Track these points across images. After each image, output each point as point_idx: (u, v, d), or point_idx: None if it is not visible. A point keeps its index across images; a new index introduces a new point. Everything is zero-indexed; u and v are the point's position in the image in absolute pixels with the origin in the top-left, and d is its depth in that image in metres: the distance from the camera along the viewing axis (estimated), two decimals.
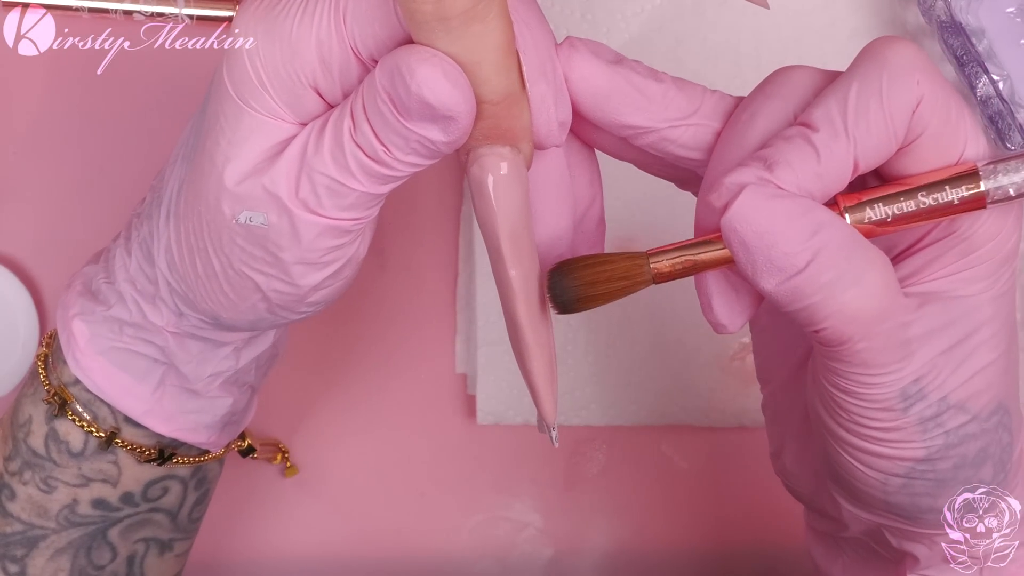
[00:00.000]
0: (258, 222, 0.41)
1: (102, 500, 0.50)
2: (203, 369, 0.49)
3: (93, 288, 0.49)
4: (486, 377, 0.62)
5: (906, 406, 0.40)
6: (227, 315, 0.45)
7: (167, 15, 0.60)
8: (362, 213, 0.41)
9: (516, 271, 0.40)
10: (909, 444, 0.40)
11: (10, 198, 0.62)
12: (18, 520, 0.50)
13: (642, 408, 0.62)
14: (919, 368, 0.39)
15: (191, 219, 0.43)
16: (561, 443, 0.64)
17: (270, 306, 0.44)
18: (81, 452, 0.49)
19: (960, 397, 0.40)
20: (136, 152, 0.62)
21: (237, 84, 0.40)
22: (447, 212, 0.64)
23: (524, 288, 0.40)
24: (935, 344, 0.40)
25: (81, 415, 0.49)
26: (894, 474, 0.41)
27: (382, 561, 0.64)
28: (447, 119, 0.37)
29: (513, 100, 0.38)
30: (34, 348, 0.61)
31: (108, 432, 0.49)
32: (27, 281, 0.61)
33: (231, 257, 0.42)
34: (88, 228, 0.62)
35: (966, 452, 0.41)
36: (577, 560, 0.65)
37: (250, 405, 0.53)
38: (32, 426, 0.50)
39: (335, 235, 0.41)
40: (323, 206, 0.40)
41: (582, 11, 0.62)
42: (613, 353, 0.62)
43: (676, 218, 0.62)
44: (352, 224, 0.41)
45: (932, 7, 0.58)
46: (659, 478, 0.65)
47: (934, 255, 0.41)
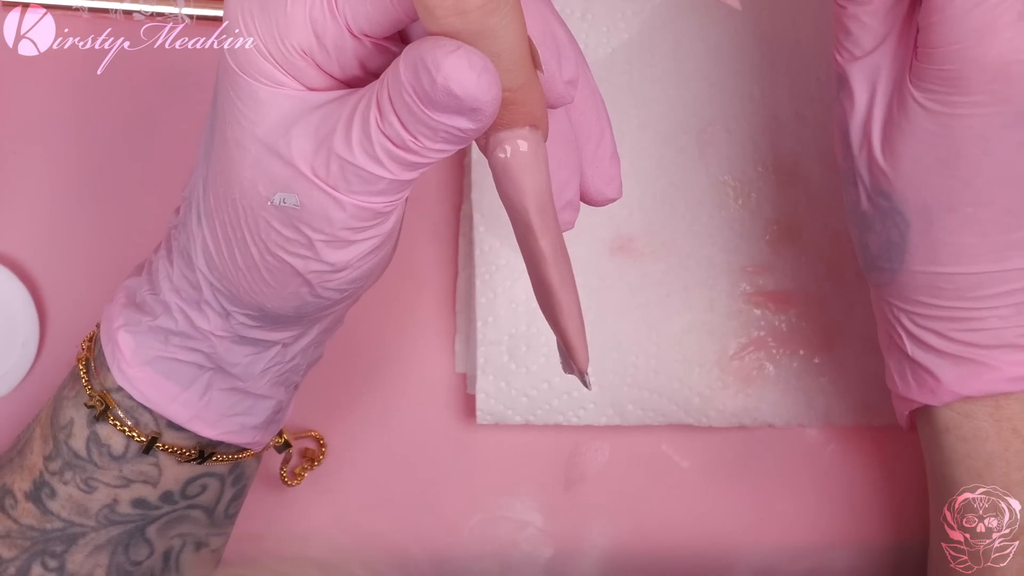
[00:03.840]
0: (291, 203, 0.41)
1: (142, 500, 0.51)
2: (254, 367, 0.49)
3: (138, 300, 0.50)
4: (486, 377, 0.62)
5: None
6: (272, 304, 0.45)
7: (167, 15, 0.60)
8: (393, 197, 0.41)
9: (546, 240, 0.41)
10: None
11: (10, 198, 0.62)
12: (58, 517, 0.51)
13: (642, 408, 0.62)
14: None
15: (225, 211, 0.43)
16: (561, 443, 0.64)
17: (312, 289, 0.44)
18: (123, 455, 0.50)
19: None
20: (136, 152, 0.62)
21: (241, 63, 0.41)
22: (447, 212, 0.64)
23: (554, 255, 0.41)
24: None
25: (123, 420, 0.50)
26: None
27: (382, 561, 0.64)
28: (474, 110, 0.37)
29: (531, 85, 0.39)
30: (34, 348, 0.61)
31: (149, 437, 0.50)
32: (27, 281, 0.61)
33: (267, 242, 0.42)
34: (88, 228, 0.62)
35: None
36: (577, 560, 0.65)
37: (290, 403, 0.54)
38: (74, 428, 0.51)
39: (367, 217, 0.41)
40: (354, 191, 0.40)
41: (582, 11, 0.62)
42: (613, 353, 0.62)
43: (676, 218, 0.63)
44: (384, 205, 0.41)
45: None
46: (659, 478, 0.65)
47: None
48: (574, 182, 0.44)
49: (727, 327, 0.62)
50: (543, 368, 0.61)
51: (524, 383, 0.62)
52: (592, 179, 0.44)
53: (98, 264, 0.62)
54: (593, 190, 0.44)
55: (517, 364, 0.61)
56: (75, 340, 0.62)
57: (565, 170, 0.43)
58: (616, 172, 0.45)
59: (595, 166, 0.44)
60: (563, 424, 0.62)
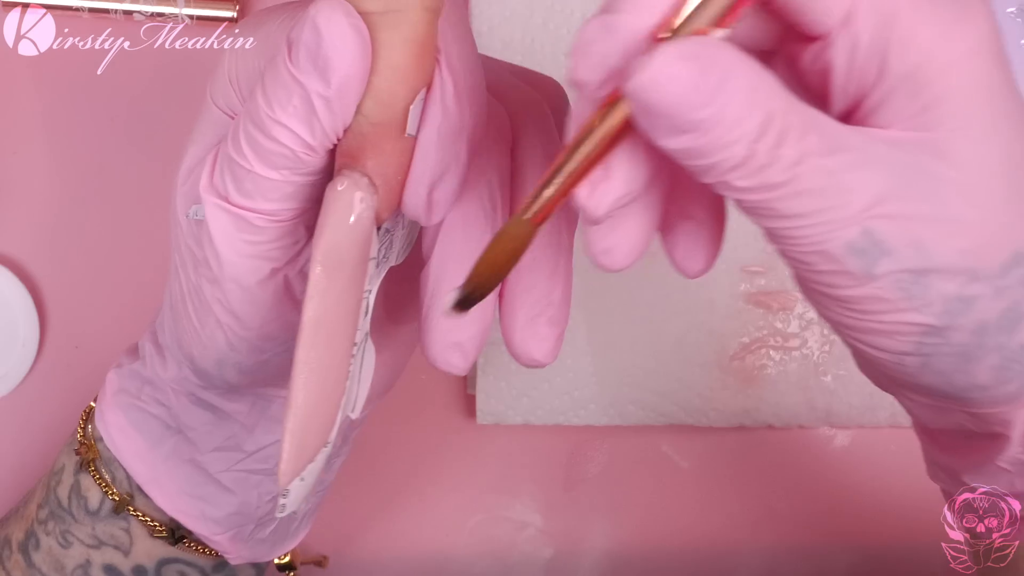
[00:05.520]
0: (201, 216, 0.39)
1: (113, 567, 0.48)
2: (211, 438, 0.46)
3: (140, 340, 0.48)
4: (486, 377, 0.62)
5: (867, 265, 0.34)
6: (196, 350, 0.42)
7: (167, 15, 0.60)
8: (262, 205, 0.38)
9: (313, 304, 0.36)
10: (898, 315, 0.35)
11: (10, 198, 0.62)
12: (39, 571, 0.48)
13: (642, 408, 0.62)
14: (861, 214, 0.33)
15: (173, 230, 0.42)
16: (561, 443, 0.64)
17: (225, 335, 0.41)
18: (97, 511, 0.48)
19: (945, 252, 0.34)
20: (136, 152, 0.62)
21: (213, 85, 0.40)
22: None
23: (315, 326, 0.36)
24: (881, 186, 0.33)
25: (102, 473, 0.47)
26: (904, 352, 0.36)
27: (382, 561, 0.64)
28: (328, 62, 0.34)
29: (390, 134, 0.36)
30: (34, 348, 0.61)
31: (122, 496, 0.47)
32: (27, 281, 0.61)
33: (188, 262, 0.41)
34: (88, 228, 0.62)
35: (984, 317, 0.35)
36: (577, 560, 0.65)
37: (291, 529, 0.50)
38: (63, 475, 0.49)
39: (244, 228, 0.38)
40: (228, 190, 0.38)
41: (582, 11, 0.62)
42: (613, 353, 0.62)
43: None
44: (255, 217, 0.38)
45: None
46: (659, 478, 0.65)
47: (875, 104, 0.34)
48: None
49: (727, 327, 0.62)
50: (543, 368, 0.61)
51: (524, 383, 0.62)
52: (521, 331, 0.40)
53: (98, 264, 0.62)
54: (518, 343, 0.40)
55: (517, 364, 0.61)
56: (75, 340, 0.62)
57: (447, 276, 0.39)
58: (551, 335, 0.40)
59: (532, 325, 0.40)
60: (563, 424, 0.62)
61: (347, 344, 0.37)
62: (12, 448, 0.62)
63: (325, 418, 0.36)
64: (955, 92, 0.33)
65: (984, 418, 0.39)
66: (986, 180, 0.34)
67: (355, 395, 0.39)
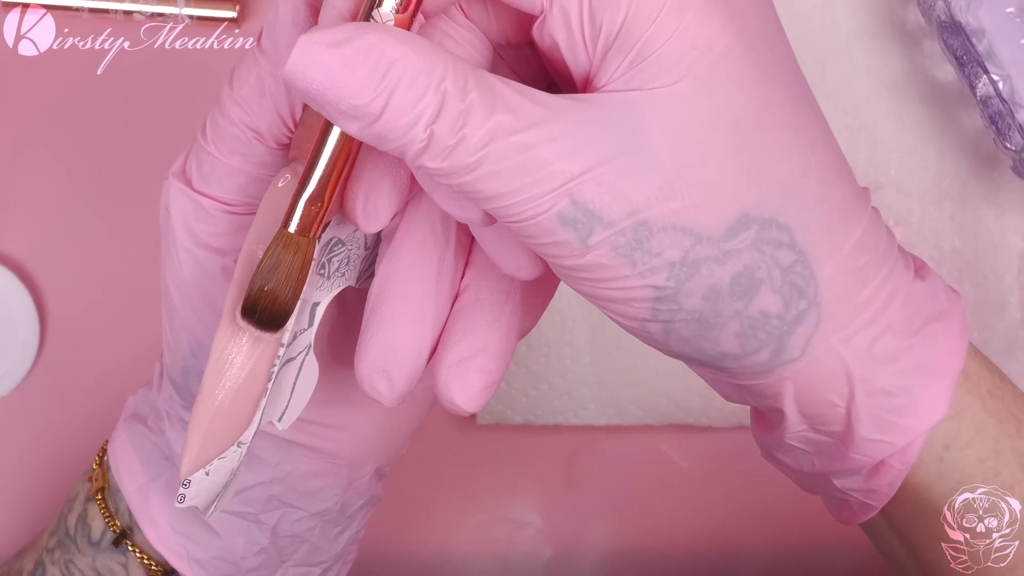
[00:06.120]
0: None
1: None
2: None
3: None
4: None
5: (582, 235, 0.33)
6: (168, 357, 0.42)
7: (167, 15, 0.60)
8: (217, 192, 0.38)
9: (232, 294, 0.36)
10: (625, 280, 0.34)
11: (10, 198, 0.62)
12: None
13: (642, 408, 0.62)
14: (567, 184, 0.32)
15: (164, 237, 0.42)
16: (561, 443, 0.64)
17: (188, 338, 0.41)
18: (98, 543, 0.46)
19: (660, 214, 0.33)
20: (136, 152, 0.62)
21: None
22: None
23: (232, 315, 0.36)
24: (587, 153, 0.32)
25: (107, 503, 0.46)
26: (643, 319, 0.35)
27: (382, 561, 0.64)
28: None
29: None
30: (34, 348, 0.61)
31: (123, 528, 0.46)
32: (27, 281, 0.61)
33: (164, 263, 0.41)
34: (88, 228, 0.62)
35: (714, 282, 0.34)
36: (577, 560, 0.65)
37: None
38: (75, 503, 0.47)
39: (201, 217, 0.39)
40: (192, 175, 0.39)
41: None
42: (613, 353, 0.62)
43: None
44: (210, 204, 0.39)
45: (932, 7, 0.58)
46: (659, 478, 0.65)
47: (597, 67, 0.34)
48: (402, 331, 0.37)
49: None
50: (543, 368, 0.61)
51: (524, 383, 0.62)
52: (447, 371, 0.37)
53: (98, 264, 0.62)
54: (441, 384, 0.37)
55: (517, 364, 0.61)
56: (75, 340, 0.62)
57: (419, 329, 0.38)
58: (477, 383, 0.37)
59: (459, 367, 0.37)
60: (563, 424, 0.62)
61: (272, 342, 0.36)
62: (12, 448, 0.62)
63: (238, 416, 0.36)
64: (665, 51, 0.33)
65: (754, 391, 0.38)
66: (700, 140, 0.33)
67: (284, 405, 0.38)
